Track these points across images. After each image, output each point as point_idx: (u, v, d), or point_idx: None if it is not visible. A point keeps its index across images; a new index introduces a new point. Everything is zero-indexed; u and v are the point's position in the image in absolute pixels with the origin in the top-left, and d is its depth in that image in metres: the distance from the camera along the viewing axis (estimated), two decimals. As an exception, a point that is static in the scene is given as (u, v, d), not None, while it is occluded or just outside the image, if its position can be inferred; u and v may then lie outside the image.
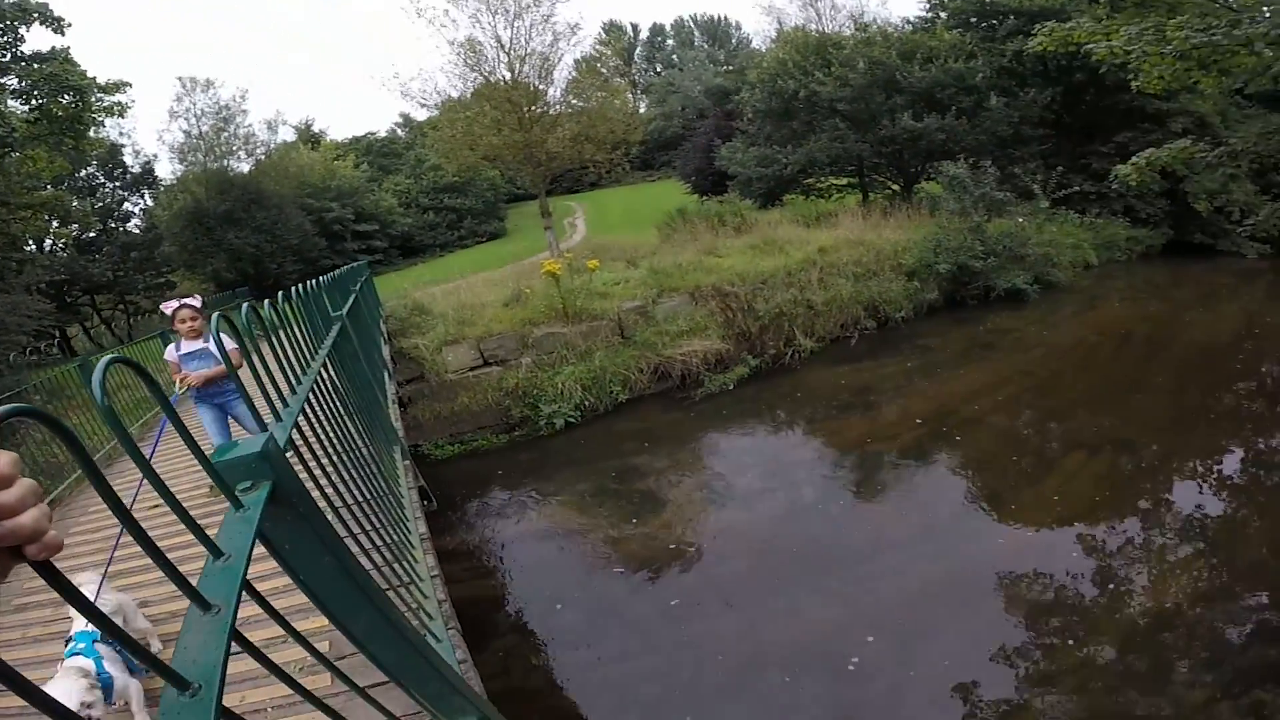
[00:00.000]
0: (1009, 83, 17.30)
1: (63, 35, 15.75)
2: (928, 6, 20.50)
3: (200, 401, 4.51)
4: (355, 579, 1.18)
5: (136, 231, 28.62)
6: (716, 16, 74.39)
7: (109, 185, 29.03)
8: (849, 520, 6.37)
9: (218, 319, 1.58)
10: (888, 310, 12.21)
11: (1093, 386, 8.96)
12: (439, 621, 2.45)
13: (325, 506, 1.61)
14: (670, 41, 75.20)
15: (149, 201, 31.16)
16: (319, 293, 3.43)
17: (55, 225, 22.04)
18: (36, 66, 15.49)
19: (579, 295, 10.71)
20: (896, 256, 13.04)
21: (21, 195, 15.58)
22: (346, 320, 3.82)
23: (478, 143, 17.00)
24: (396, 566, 2.24)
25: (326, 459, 2.06)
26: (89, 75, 16.24)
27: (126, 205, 29.80)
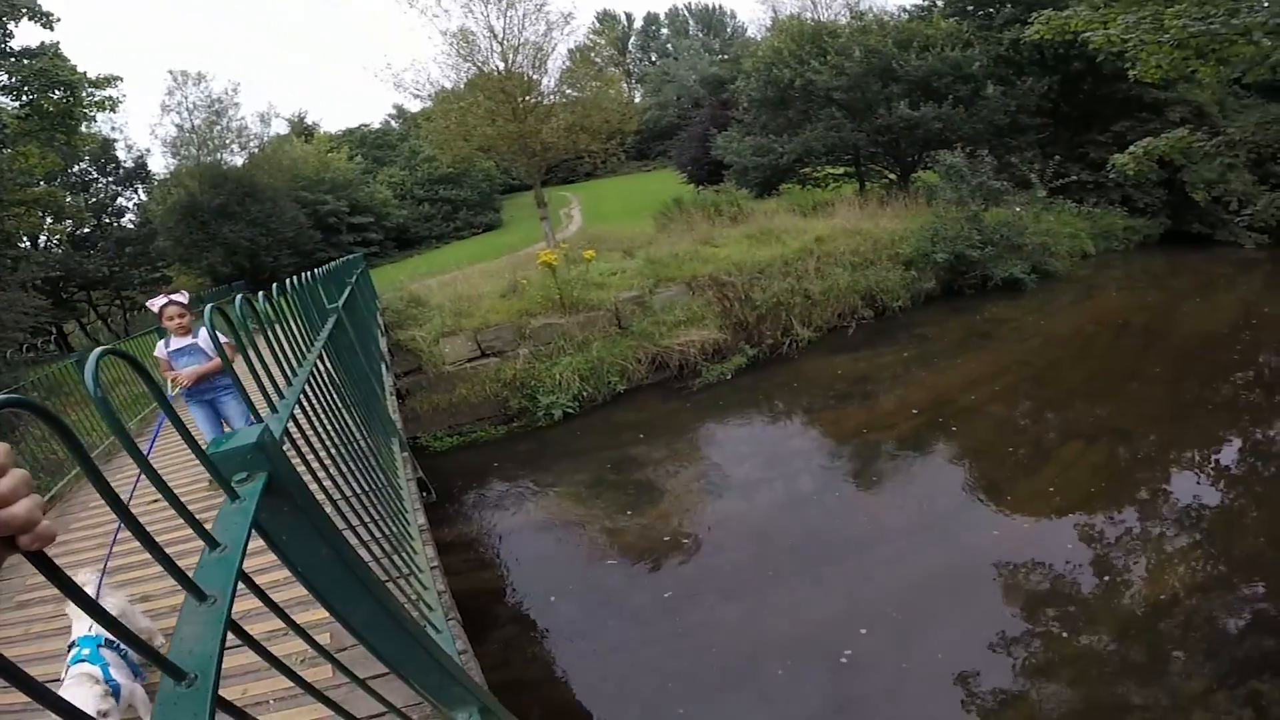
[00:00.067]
0: (1006, 71, 17.21)
1: (52, 30, 15.67)
2: (924, -6, 20.44)
3: (191, 399, 4.49)
4: (354, 570, 1.18)
5: (131, 226, 28.59)
6: (711, 5, 74.17)
7: (102, 180, 28.94)
8: (846, 510, 6.39)
9: (211, 311, 1.57)
10: (885, 300, 12.20)
11: (1090, 376, 8.97)
12: (439, 613, 2.46)
13: (324, 499, 1.61)
14: (665, 30, 74.88)
15: (143, 196, 31.08)
16: (314, 285, 3.41)
17: (49, 221, 21.91)
18: (26, 62, 15.40)
19: (575, 286, 10.68)
20: (893, 246, 13.01)
21: (14, 192, 15.48)
22: (343, 312, 3.81)
23: (472, 133, 16.95)
24: (396, 558, 2.24)
25: (324, 451, 2.06)
26: (79, 70, 16.15)
27: (120, 200, 29.75)
